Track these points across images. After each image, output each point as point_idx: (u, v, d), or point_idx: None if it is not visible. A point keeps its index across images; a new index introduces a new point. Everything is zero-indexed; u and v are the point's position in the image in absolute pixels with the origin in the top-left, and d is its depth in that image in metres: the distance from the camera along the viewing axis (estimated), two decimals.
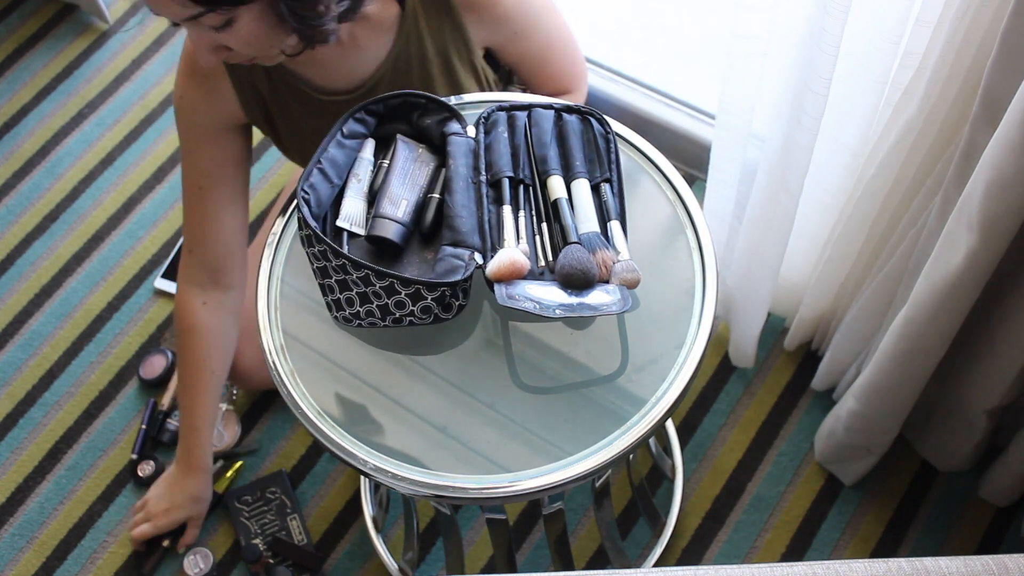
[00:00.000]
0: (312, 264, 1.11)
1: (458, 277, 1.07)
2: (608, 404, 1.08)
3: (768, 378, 1.78)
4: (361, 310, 1.09)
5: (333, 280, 1.09)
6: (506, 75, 1.48)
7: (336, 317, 1.11)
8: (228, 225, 1.43)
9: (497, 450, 1.07)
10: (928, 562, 0.99)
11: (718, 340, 1.82)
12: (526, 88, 1.50)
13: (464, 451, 1.07)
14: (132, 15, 2.23)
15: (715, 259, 1.16)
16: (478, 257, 1.10)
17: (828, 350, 1.67)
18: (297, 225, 1.13)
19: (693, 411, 1.76)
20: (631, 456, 1.35)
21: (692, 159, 1.94)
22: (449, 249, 1.11)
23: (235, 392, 1.79)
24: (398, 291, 1.06)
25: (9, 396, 1.84)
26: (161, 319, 1.89)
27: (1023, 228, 1.19)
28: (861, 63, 1.26)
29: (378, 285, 1.06)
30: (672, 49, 2.04)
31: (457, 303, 1.09)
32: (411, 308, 1.07)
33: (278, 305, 1.16)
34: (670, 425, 1.72)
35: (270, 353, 1.12)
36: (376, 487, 1.68)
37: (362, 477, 1.65)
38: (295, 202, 1.22)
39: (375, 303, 1.08)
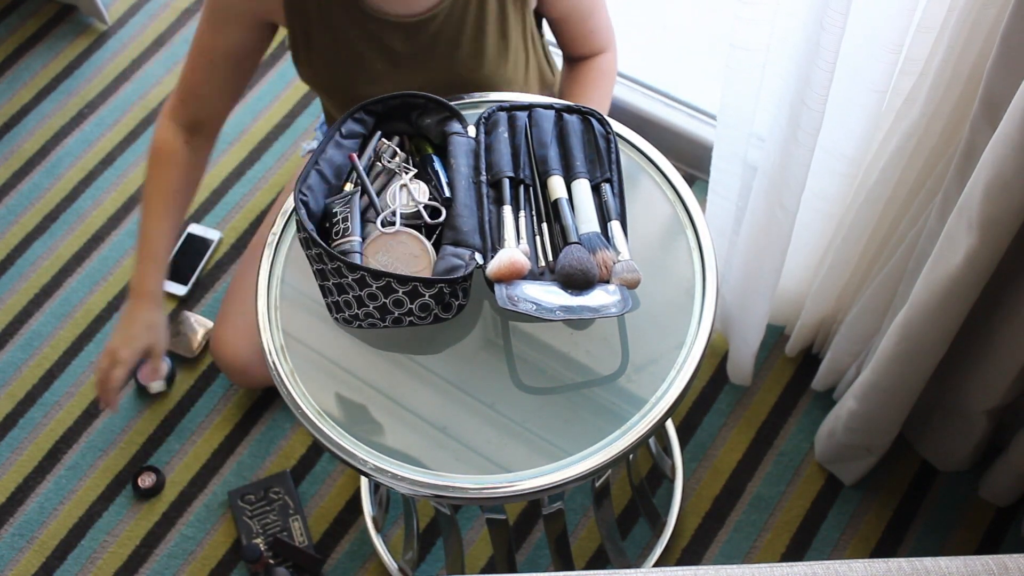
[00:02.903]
0: (312, 266, 1.11)
1: (457, 275, 1.07)
2: (608, 404, 1.08)
3: (768, 378, 1.78)
4: (360, 312, 1.09)
5: (331, 283, 1.09)
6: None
7: (336, 319, 1.11)
8: (225, 96, 1.44)
9: (497, 450, 1.07)
10: (928, 562, 0.99)
11: (717, 342, 1.82)
12: (562, 48, 1.50)
13: (464, 451, 1.07)
14: (131, 16, 2.23)
15: (715, 259, 1.16)
16: (478, 257, 1.10)
17: (828, 351, 1.67)
18: (296, 227, 1.13)
19: (693, 411, 1.76)
20: (631, 456, 1.35)
21: (692, 159, 1.94)
22: (450, 248, 1.11)
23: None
24: (395, 290, 1.06)
25: (9, 396, 1.84)
26: None
27: (1023, 228, 1.19)
28: (860, 73, 1.26)
29: (375, 286, 1.06)
30: (672, 49, 2.04)
31: (457, 303, 1.09)
32: (409, 307, 1.07)
33: (278, 305, 1.16)
34: (670, 425, 1.72)
35: (270, 353, 1.12)
36: (376, 487, 1.68)
37: (362, 477, 1.65)
38: (290, 203, 1.22)
39: (371, 305, 1.08)
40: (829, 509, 1.68)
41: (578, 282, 1.08)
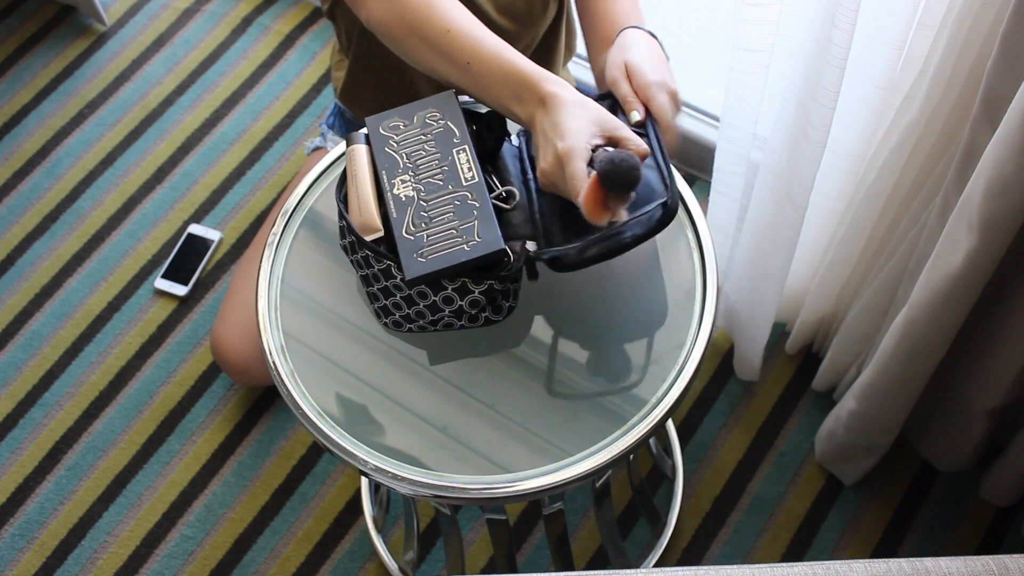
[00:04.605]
0: (356, 272, 1.11)
1: (509, 271, 1.05)
2: (608, 404, 1.08)
3: (768, 378, 1.78)
4: (411, 311, 1.08)
5: (376, 288, 1.08)
6: None
7: (386, 323, 1.11)
8: None
9: (497, 450, 1.07)
10: (928, 562, 0.99)
11: (718, 342, 1.82)
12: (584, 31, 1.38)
13: (464, 451, 1.07)
14: (131, 16, 2.24)
15: (715, 259, 1.15)
16: (530, 245, 1.08)
17: (828, 351, 1.67)
18: (339, 235, 1.12)
19: (693, 411, 1.76)
20: (631, 456, 1.35)
21: (693, 159, 1.94)
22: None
23: None
24: (444, 286, 1.05)
25: (9, 396, 1.84)
26: (161, 319, 1.89)
27: (1023, 228, 1.19)
28: (864, 70, 1.26)
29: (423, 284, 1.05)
30: (672, 49, 2.04)
31: (507, 304, 1.08)
32: (459, 303, 1.06)
33: (278, 305, 1.16)
34: (670, 425, 1.72)
35: (270, 353, 1.12)
36: (376, 487, 1.68)
37: (362, 477, 1.65)
38: (291, 203, 1.22)
39: (422, 304, 1.07)
40: (829, 509, 1.68)
41: (627, 180, 1.00)
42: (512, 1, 1.35)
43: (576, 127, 1.03)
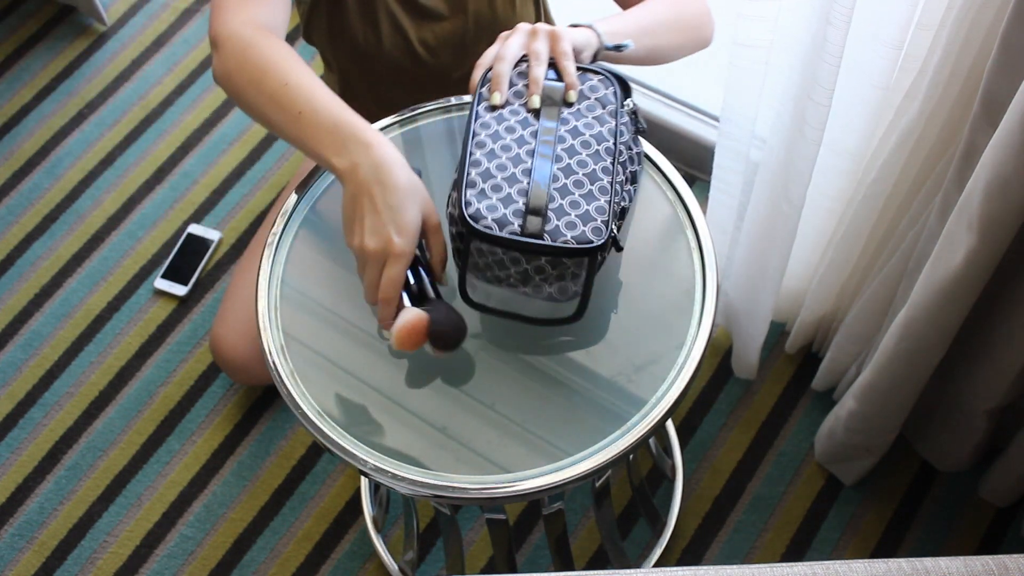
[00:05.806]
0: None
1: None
2: (608, 404, 1.08)
3: (768, 378, 1.78)
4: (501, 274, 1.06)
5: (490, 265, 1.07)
6: None
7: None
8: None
9: (497, 450, 1.07)
10: (928, 562, 0.99)
11: (718, 341, 1.82)
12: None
13: (464, 451, 1.07)
14: (131, 16, 2.24)
15: (715, 259, 1.16)
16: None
17: (828, 351, 1.67)
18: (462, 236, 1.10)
19: (693, 411, 1.76)
20: (631, 456, 1.35)
21: (693, 159, 1.94)
22: None
23: None
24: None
25: (9, 396, 1.84)
26: (161, 319, 1.89)
27: (1023, 228, 1.19)
28: (862, 69, 1.26)
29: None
30: None
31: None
32: (525, 266, 1.04)
33: (278, 305, 1.16)
34: (670, 425, 1.72)
35: (270, 353, 1.12)
36: (376, 487, 1.68)
37: (362, 477, 1.65)
38: (291, 203, 1.22)
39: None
40: (829, 509, 1.68)
41: (455, 344, 1.06)
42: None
43: (413, 223, 1.03)
